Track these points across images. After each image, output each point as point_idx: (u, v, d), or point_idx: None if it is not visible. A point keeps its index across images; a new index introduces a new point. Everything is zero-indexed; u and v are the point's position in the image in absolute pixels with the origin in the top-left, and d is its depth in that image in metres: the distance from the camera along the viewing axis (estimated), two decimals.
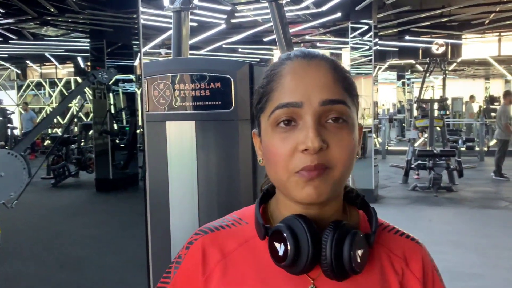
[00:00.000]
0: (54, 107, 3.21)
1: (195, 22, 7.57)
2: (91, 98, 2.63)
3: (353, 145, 0.69)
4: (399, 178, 8.87)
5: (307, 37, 10.56)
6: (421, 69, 16.05)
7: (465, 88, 19.10)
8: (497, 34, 11.59)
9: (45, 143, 3.09)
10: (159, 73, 1.87)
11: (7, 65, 3.10)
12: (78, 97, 2.78)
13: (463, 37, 11.45)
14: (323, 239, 0.67)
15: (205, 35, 8.79)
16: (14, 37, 2.49)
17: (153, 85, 1.87)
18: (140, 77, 1.87)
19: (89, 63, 2.78)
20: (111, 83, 2.57)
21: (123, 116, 2.78)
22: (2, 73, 3.17)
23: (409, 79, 19.84)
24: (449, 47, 11.65)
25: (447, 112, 13.60)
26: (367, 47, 7.33)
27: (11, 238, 2.27)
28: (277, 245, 0.68)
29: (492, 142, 11.98)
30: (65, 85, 3.26)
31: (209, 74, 1.79)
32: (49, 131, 3.11)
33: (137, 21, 1.84)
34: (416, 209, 6.86)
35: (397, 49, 12.08)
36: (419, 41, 11.19)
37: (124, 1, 2.24)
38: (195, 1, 2.42)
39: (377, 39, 7.62)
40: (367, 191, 7.06)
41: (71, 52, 2.96)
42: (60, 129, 3.09)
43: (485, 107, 15.96)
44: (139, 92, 1.94)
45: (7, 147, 2.68)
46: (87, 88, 2.63)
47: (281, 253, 0.67)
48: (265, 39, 10.09)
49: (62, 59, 3.16)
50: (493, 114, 12.98)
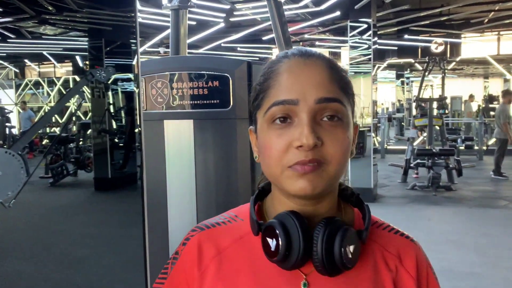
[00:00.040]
0: (52, 106, 3.20)
1: (194, 21, 7.56)
2: (89, 97, 2.62)
3: (347, 143, 0.69)
4: (398, 177, 8.87)
5: (306, 35, 10.55)
6: (420, 68, 16.07)
7: (464, 87, 19.15)
8: (496, 33, 11.60)
9: (44, 142, 3.08)
10: (157, 72, 1.86)
11: (6, 64, 3.10)
12: (77, 96, 2.77)
13: (462, 36, 11.46)
14: (314, 235, 0.68)
15: (204, 33, 8.78)
16: (12, 36, 2.49)
17: (151, 84, 1.86)
18: (138, 76, 1.87)
19: (87, 62, 2.77)
20: (110, 82, 2.56)
21: (122, 115, 2.77)
22: (0, 72, 3.16)
23: (408, 78, 19.87)
24: (448, 46, 11.66)
25: (446, 111, 13.60)
26: (366, 46, 7.33)
27: (8, 237, 2.27)
28: (269, 240, 0.69)
29: (491, 141, 11.99)
30: (63, 84, 3.26)
31: (207, 72, 1.78)
32: (47, 130, 3.10)
33: (134, 19, 1.83)
34: (415, 208, 6.86)
35: (396, 48, 12.08)
36: (418, 40, 11.19)
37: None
38: None
39: (376, 38, 7.61)
40: (366, 190, 7.06)
41: (69, 51, 2.95)
42: (58, 128, 3.09)
43: (484, 106, 15.97)
44: (137, 91, 1.93)
45: (5, 146, 2.67)
46: (85, 87, 2.62)
47: (273, 248, 0.68)
48: (264, 38, 10.09)
49: (60, 58, 3.16)
50: (492, 113, 12.98)
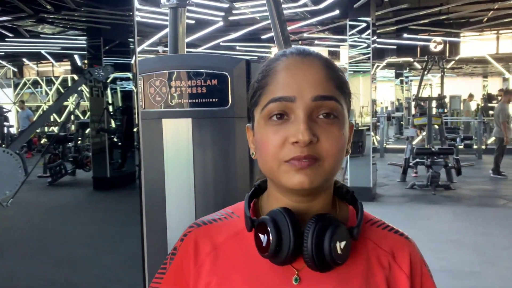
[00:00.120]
0: (50, 105, 3.19)
1: (192, 20, 7.55)
2: (88, 96, 2.62)
3: (343, 140, 0.70)
4: (397, 176, 8.87)
5: (305, 34, 10.55)
6: (419, 67, 16.08)
7: (463, 86, 19.16)
8: (495, 32, 11.61)
9: (42, 141, 3.08)
10: (155, 70, 1.85)
11: (4, 63, 3.09)
12: (75, 95, 2.77)
13: (461, 35, 11.45)
14: (305, 231, 0.69)
15: (202, 32, 8.78)
16: (11, 35, 2.48)
17: (149, 82, 1.85)
18: (136, 75, 1.86)
19: (86, 61, 2.76)
20: (108, 81, 2.55)
21: (120, 114, 2.77)
22: None
23: (407, 77, 19.87)
24: (447, 45, 11.65)
25: (445, 110, 13.62)
26: (365, 45, 7.33)
27: (6, 236, 2.27)
28: (261, 236, 0.70)
29: (490, 140, 12.00)
30: (61, 83, 3.25)
31: (205, 71, 1.77)
32: (45, 129, 3.09)
33: (132, 18, 1.83)
34: (414, 207, 6.87)
35: (395, 47, 12.08)
36: (417, 39, 11.20)
37: None
38: None
39: (375, 37, 7.61)
40: (365, 189, 7.06)
41: (67, 50, 2.95)
42: (56, 127, 3.08)
43: (483, 105, 15.98)
44: (135, 90, 1.93)
45: (3, 145, 2.67)
46: (84, 86, 2.61)
47: (264, 244, 0.69)
48: (263, 37, 10.09)
49: (58, 57, 3.15)
50: (491, 112, 12.99)
